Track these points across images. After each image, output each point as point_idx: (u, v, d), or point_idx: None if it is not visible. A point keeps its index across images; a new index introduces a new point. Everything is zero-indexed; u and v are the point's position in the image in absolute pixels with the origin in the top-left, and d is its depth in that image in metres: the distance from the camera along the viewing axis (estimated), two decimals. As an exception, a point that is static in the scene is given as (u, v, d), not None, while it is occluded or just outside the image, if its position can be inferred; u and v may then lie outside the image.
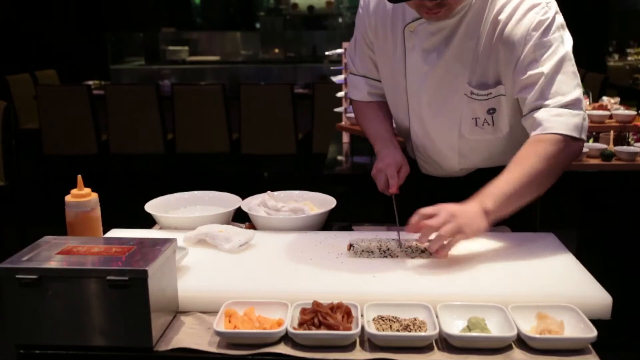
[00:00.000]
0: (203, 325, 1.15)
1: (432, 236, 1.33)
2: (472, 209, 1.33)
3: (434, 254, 1.34)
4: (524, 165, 1.38)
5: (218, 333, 1.07)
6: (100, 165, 5.81)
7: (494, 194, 1.35)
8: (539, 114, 1.42)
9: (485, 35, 1.49)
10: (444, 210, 1.32)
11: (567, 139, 1.40)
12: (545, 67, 1.42)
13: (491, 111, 1.56)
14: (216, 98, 5.44)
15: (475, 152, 1.65)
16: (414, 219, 1.33)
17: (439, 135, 1.64)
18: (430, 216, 1.32)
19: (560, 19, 1.47)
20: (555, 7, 1.48)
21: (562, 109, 1.41)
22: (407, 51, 1.58)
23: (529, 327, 1.09)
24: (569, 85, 1.43)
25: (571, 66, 1.45)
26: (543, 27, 1.43)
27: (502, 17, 1.46)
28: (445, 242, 1.32)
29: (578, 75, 1.46)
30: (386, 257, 1.37)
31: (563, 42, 1.45)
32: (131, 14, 8.31)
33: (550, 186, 1.43)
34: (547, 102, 1.42)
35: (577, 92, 1.44)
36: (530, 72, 1.44)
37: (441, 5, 1.40)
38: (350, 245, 1.39)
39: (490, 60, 1.50)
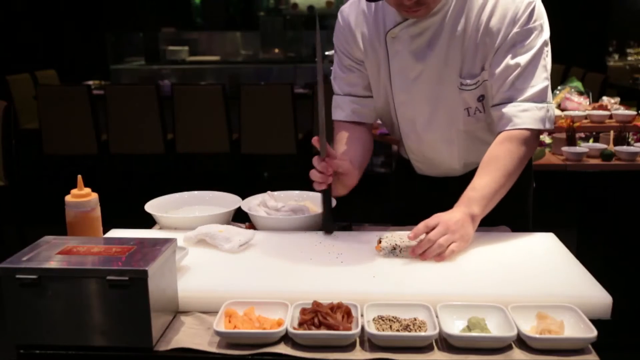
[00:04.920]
0: (203, 325, 1.15)
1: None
2: (462, 218, 1.38)
3: (434, 259, 1.36)
4: (499, 168, 1.45)
5: (218, 333, 1.07)
6: (100, 165, 5.81)
7: (478, 200, 1.42)
8: (507, 109, 1.48)
9: (471, 28, 1.50)
10: (441, 223, 1.37)
11: (534, 133, 1.49)
12: (523, 58, 1.47)
13: (481, 98, 1.58)
14: (216, 98, 5.44)
15: (473, 143, 1.66)
16: (420, 229, 1.37)
17: (436, 136, 1.65)
18: (432, 228, 1.36)
19: (540, 5, 1.50)
20: None
21: (528, 103, 1.47)
22: (390, 58, 1.59)
23: (529, 327, 1.09)
24: (539, 77, 1.48)
25: (544, 59, 1.49)
26: (527, 14, 1.46)
27: (487, 8, 1.49)
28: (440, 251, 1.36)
29: (549, 67, 1.51)
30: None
31: (542, 31, 1.49)
32: (131, 14, 8.31)
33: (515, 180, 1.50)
34: (515, 95, 1.48)
35: (544, 84, 1.49)
36: (508, 62, 1.47)
37: (420, 4, 1.43)
38: (380, 241, 1.41)
39: (478, 50, 1.52)
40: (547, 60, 1.50)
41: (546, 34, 1.50)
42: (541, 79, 1.48)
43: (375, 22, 1.60)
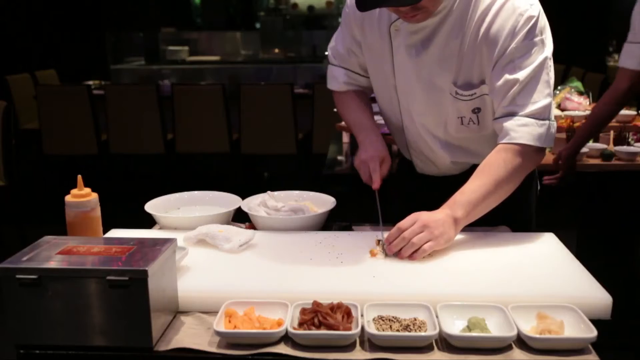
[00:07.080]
0: (203, 325, 1.15)
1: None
2: (443, 218, 1.38)
3: (407, 258, 1.36)
4: (491, 174, 1.44)
5: (218, 333, 1.07)
6: (100, 165, 5.81)
7: (463, 203, 1.41)
8: (507, 123, 1.46)
9: (470, 35, 1.49)
10: (418, 221, 1.36)
11: (531, 148, 1.46)
12: (522, 73, 1.44)
13: (476, 110, 1.57)
14: (216, 98, 5.44)
15: (465, 148, 1.66)
16: (393, 234, 1.37)
17: (428, 132, 1.66)
18: (407, 228, 1.36)
19: (543, 20, 1.47)
20: (539, 7, 1.48)
21: (528, 118, 1.45)
22: (393, 49, 1.59)
23: (529, 327, 1.09)
24: (541, 93, 1.46)
25: (546, 74, 1.46)
26: (527, 28, 1.43)
27: (487, 17, 1.46)
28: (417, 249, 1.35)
29: (551, 82, 1.48)
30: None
31: (543, 47, 1.46)
32: (131, 14, 8.31)
33: (511, 192, 1.48)
34: (516, 110, 1.46)
35: (547, 100, 1.46)
36: (506, 77, 1.45)
37: (416, 9, 1.42)
38: (378, 241, 1.40)
39: (475, 60, 1.51)
40: (549, 75, 1.47)
41: (548, 49, 1.47)
42: (543, 95, 1.45)
43: (381, 11, 1.58)
